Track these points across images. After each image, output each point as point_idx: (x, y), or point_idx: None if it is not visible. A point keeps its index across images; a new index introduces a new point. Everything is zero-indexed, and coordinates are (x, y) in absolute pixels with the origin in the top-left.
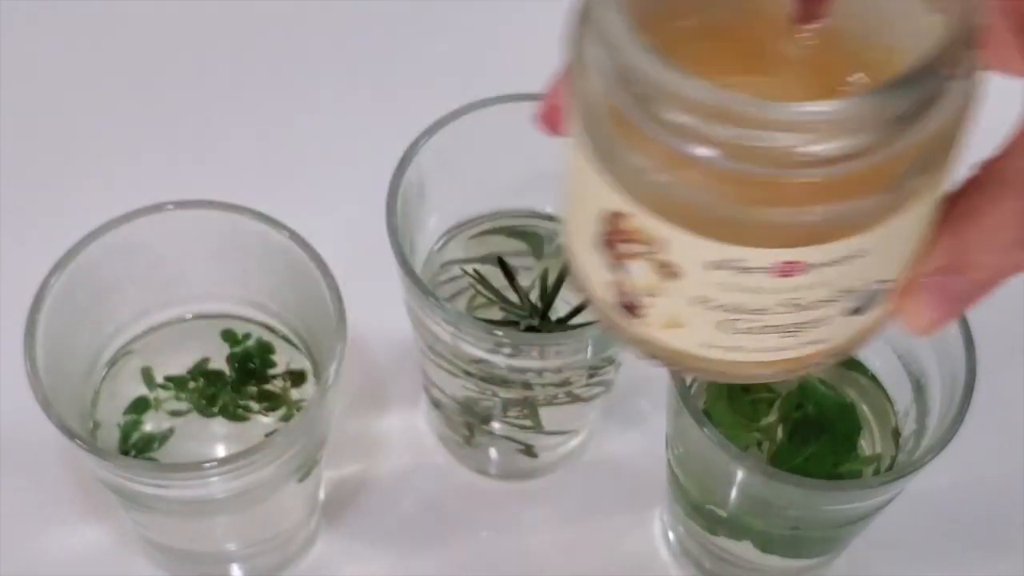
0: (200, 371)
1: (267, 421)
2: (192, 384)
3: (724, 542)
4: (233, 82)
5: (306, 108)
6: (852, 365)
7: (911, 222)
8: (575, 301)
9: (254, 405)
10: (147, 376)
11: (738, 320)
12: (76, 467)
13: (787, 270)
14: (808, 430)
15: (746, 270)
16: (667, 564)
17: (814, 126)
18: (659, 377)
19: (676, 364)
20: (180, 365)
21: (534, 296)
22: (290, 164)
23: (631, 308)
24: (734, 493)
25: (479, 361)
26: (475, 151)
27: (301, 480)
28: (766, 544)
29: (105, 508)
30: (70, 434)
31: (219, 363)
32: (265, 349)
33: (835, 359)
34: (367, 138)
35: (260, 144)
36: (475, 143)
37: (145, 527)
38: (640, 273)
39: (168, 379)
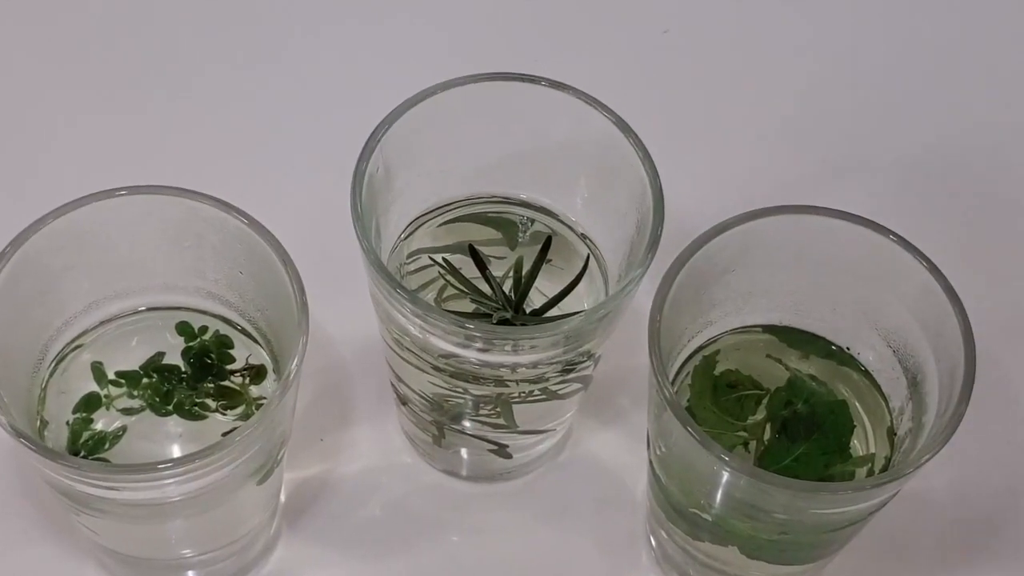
0: (154, 366)
1: (225, 419)
2: (145, 380)
3: (708, 548)
4: (188, 60)
5: (266, 88)
6: (844, 360)
7: None
8: (551, 292)
9: (211, 403)
10: (98, 372)
11: None
12: (22, 469)
13: None
14: (798, 429)
15: None
16: (648, 570)
17: None
18: (640, 373)
19: None
20: (133, 360)
21: (507, 287)
22: (249, 147)
23: None
24: (719, 496)
25: (449, 356)
26: (444, 134)
27: (261, 482)
28: (753, 550)
29: (54, 513)
30: (16, 433)
31: (174, 358)
32: (222, 343)
33: None
34: (330, 120)
35: (216, 126)
36: (444, 125)
37: (96, 532)
38: None
39: (120, 375)
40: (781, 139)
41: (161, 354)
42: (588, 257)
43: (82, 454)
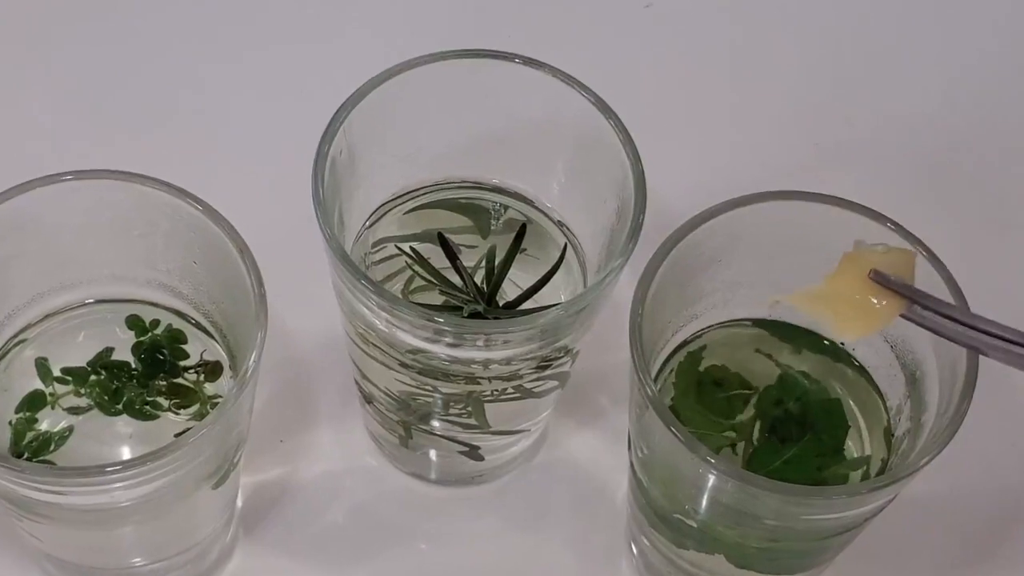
0: (102, 363)
1: (178, 419)
2: (93, 377)
3: (694, 556)
4: (139, 37)
5: (222, 66)
6: (838, 356)
7: None
8: (525, 284)
9: (163, 401)
10: (42, 369)
11: None
12: None
13: None
14: (789, 429)
15: None
16: None
17: None
18: (620, 370)
19: None
20: (79, 356)
21: (479, 278)
22: (204, 129)
23: None
24: (705, 500)
25: (417, 351)
26: (412, 115)
27: (216, 486)
28: (741, 559)
29: None
30: None
31: (123, 354)
32: (175, 338)
33: None
34: (290, 100)
35: (169, 107)
36: (411, 106)
37: (40, 539)
38: None
39: (66, 372)
40: (770, 121)
41: (110, 349)
42: (565, 246)
43: (25, 456)
